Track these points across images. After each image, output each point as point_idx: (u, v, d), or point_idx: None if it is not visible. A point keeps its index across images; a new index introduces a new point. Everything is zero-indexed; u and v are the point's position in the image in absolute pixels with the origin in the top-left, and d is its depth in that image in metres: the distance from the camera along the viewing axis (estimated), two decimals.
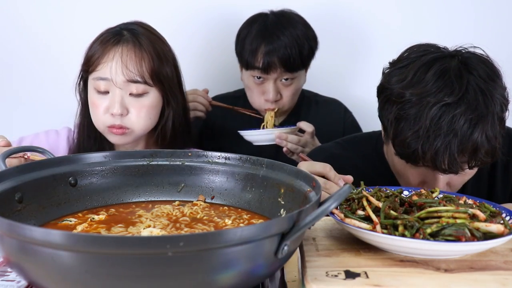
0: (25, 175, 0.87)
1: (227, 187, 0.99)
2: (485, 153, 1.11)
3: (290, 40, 1.68)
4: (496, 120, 1.11)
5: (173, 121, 1.40)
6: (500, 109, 1.12)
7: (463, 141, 1.08)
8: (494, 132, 1.10)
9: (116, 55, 1.31)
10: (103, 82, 1.32)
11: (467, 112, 1.08)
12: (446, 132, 1.08)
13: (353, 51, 2.13)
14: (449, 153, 1.09)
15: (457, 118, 1.08)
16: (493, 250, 0.81)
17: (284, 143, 1.65)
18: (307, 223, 0.66)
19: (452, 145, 1.08)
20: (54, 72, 2.09)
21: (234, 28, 1.84)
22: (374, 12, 2.04)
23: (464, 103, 1.08)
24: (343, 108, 1.95)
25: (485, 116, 1.09)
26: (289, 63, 1.69)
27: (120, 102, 1.31)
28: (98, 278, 0.60)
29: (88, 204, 0.95)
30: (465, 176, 1.20)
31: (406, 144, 1.13)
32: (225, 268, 0.63)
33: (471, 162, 1.12)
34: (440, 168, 1.11)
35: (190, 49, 2.09)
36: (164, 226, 0.85)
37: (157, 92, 1.36)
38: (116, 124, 1.32)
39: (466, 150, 1.10)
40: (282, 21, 1.73)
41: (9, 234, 0.63)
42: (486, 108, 1.09)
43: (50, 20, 2.09)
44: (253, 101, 1.81)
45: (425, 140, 1.09)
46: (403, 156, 1.17)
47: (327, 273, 0.73)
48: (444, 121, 1.08)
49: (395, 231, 0.79)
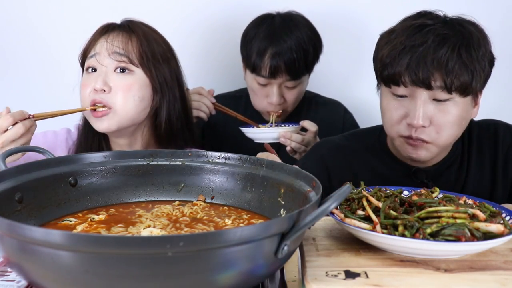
0: (25, 175, 0.87)
1: (227, 187, 0.99)
2: (458, 71, 1.15)
3: (296, 46, 1.68)
4: (473, 45, 1.18)
5: (169, 114, 1.38)
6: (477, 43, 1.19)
7: (435, 50, 1.16)
8: (469, 53, 1.16)
9: (108, 36, 1.34)
10: (92, 60, 1.33)
11: (442, 29, 1.18)
12: (418, 44, 1.17)
13: (355, 52, 2.12)
14: (422, 63, 1.16)
15: (431, 33, 1.18)
16: (493, 250, 0.81)
17: (288, 142, 1.64)
18: (307, 223, 0.66)
19: (425, 56, 1.16)
20: (54, 73, 2.09)
21: (237, 26, 1.84)
22: (377, 13, 2.04)
23: (441, 24, 1.20)
24: (343, 109, 1.95)
25: (460, 36, 1.18)
26: (294, 69, 1.69)
27: (103, 78, 1.31)
28: (98, 278, 0.60)
29: (88, 204, 0.95)
30: (447, 114, 1.21)
31: (385, 63, 1.21)
32: (225, 268, 0.63)
33: (446, 80, 1.16)
34: (415, 79, 1.17)
35: (191, 48, 2.09)
36: (164, 226, 0.85)
37: (144, 76, 1.34)
38: (97, 99, 1.30)
39: (438, 62, 1.15)
40: (289, 25, 1.72)
41: (9, 234, 0.63)
42: (461, 31, 1.19)
43: (49, 21, 2.09)
44: (257, 104, 1.81)
45: (400, 53, 1.18)
46: (385, 79, 1.23)
47: (327, 273, 0.73)
48: (418, 35, 1.18)
49: (395, 231, 0.79)
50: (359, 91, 2.14)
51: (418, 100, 1.20)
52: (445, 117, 1.21)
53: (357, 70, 2.14)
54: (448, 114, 1.21)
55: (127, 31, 1.35)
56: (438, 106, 1.20)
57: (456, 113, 1.21)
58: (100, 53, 1.33)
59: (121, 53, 1.32)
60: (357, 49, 2.11)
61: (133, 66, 1.33)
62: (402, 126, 1.24)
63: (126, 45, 1.33)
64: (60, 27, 2.10)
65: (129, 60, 1.32)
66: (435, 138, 1.22)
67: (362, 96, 2.12)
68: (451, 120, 1.21)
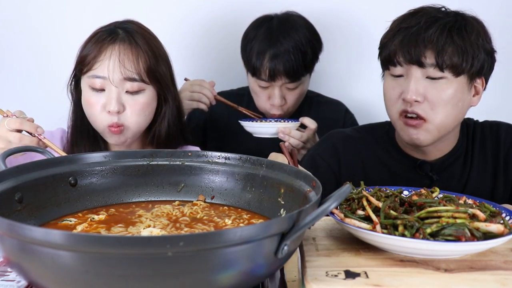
0: (25, 175, 0.87)
1: (227, 187, 0.99)
2: (448, 49, 1.22)
3: (293, 48, 1.70)
4: (468, 29, 1.24)
5: (168, 119, 1.41)
6: (470, 27, 1.25)
7: (426, 29, 1.24)
8: (461, 35, 1.23)
9: (113, 54, 1.31)
10: (99, 80, 1.32)
11: (437, 14, 1.27)
12: (412, 25, 1.26)
13: (354, 52, 2.12)
14: (414, 41, 1.24)
15: (426, 16, 1.26)
16: (493, 250, 0.81)
17: (286, 137, 1.64)
18: (307, 223, 0.66)
19: (417, 35, 1.24)
20: (47, 73, 2.08)
21: (238, 24, 1.86)
22: (377, 13, 2.04)
23: (436, 11, 1.28)
24: (344, 109, 1.96)
25: (454, 20, 1.25)
26: (293, 71, 1.71)
27: (117, 100, 1.31)
28: (98, 278, 0.60)
29: (88, 204, 0.95)
30: (440, 92, 1.26)
31: (382, 45, 1.32)
32: (225, 268, 0.63)
33: (437, 58, 1.23)
34: (408, 57, 1.25)
35: (192, 47, 2.09)
36: (164, 226, 0.85)
37: (152, 90, 1.36)
38: (114, 122, 1.33)
39: (429, 40, 1.23)
40: (287, 27, 1.74)
41: (9, 234, 0.63)
42: (457, 17, 1.26)
43: (43, 21, 2.09)
44: (259, 105, 1.83)
45: (395, 34, 1.28)
46: (383, 61, 1.33)
47: (327, 273, 0.73)
48: (413, 18, 1.27)
49: (395, 231, 0.79)
50: (358, 91, 2.14)
51: (411, 77, 1.27)
52: (438, 94, 1.26)
53: (356, 70, 2.14)
54: (441, 92, 1.26)
55: (134, 46, 1.33)
56: (431, 84, 1.26)
57: (450, 92, 1.26)
58: (110, 76, 1.31)
59: (133, 77, 1.32)
60: (356, 49, 2.12)
61: (144, 84, 1.34)
62: (399, 103, 1.31)
63: (137, 64, 1.32)
64: (53, 27, 2.08)
65: (141, 79, 1.33)
66: (431, 115, 1.28)
67: (361, 96, 2.12)
68: (444, 98, 1.26)
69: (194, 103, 1.72)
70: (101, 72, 1.31)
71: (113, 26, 1.38)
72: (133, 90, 1.33)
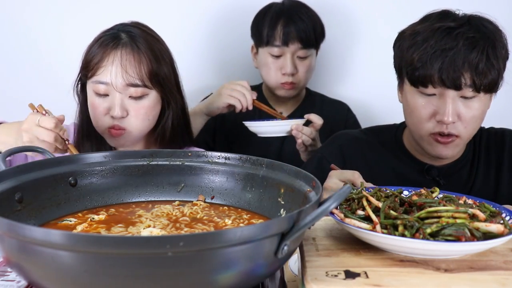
0: (25, 175, 0.87)
1: (227, 187, 0.99)
2: (487, 71, 1.21)
3: (306, 17, 1.81)
4: (498, 45, 1.23)
5: (172, 121, 1.42)
6: (500, 42, 1.24)
7: (465, 54, 1.20)
8: (495, 54, 1.22)
9: (115, 60, 1.32)
10: (103, 86, 1.33)
11: (469, 32, 1.22)
12: (449, 48, 1.22)
13: (354, 52, 2.13)
14: (453, 66, 1.21)
15: (460, 36, 1.22)
16: (493, 250, 0.81)
17: (299, 134, 1.64)
18: (307, 223, 0.66)
19: (456, 59, 1.21)
20: (52, 73, 2.08)
21: (244, 25, 1.89)
22: (377, 13, 2.04)
23: (466, 26, 1.24)
24: (347, 109, 1.98)
25: (486, 38, 1.22)
26: (305, 36, 1.79)
27: (120, 105, 1.33)
28: (98, 278, 0.60)
29: (88, 204, 0.95)
30: (473, 110, 1.27)
31: (416, 67, 1.25)
32: (225, 268, 0.63)
33: (476, 80, 1.21)
34: (447, 82, 1.22)
35: (195, 47, 2.09)
36: (164, 226, 0.85)
37: (156, 93, 1.37)
38: (116, 124, 1.34)
39: (468, 64, 1.20)
40: (299, 5, 1.86)
41: (9, 234, 0.63)
42: (486, 32, 1.23)
43: (48, 22, 2.09)
44: (270, 78, 1.86)
45: (431, 56, 1.23)
46: (415, 81, 1.28)
47: (327, 273, 0.73)
48: (448, 39, 1.22)
49: (395, 231, 0.79)
50: (359, 92, 2.14)
51: (447, 98, 1.25)
52: (471, 113, 1.27)
53: (356, 70, 2.14)
54: (473, 110, 1.27)
55: (136, 51, 1.33)
56: (465, 103, 1.26)
57: (480, 108, 1.28)
58: (113, 82, 1.31)
59: (136, 83, 1.32)
60: (356, 49, 2.11)
61: (147, 89, 1.34)
62: (432, 123, 1.30)
63: (139, 69, 1.32)
64: (58, 28, 2.09)
65: (144, 85, 1.33)
66: (463, 132, 1.29)
67: (361, 96, 2.12)
68: (476, 115, 1.28)
69: (232, 99, 1.69)
70: (104, 78, 1.32)
71: (116, 29, 1.37)
72: (137, 95, 1.34)
